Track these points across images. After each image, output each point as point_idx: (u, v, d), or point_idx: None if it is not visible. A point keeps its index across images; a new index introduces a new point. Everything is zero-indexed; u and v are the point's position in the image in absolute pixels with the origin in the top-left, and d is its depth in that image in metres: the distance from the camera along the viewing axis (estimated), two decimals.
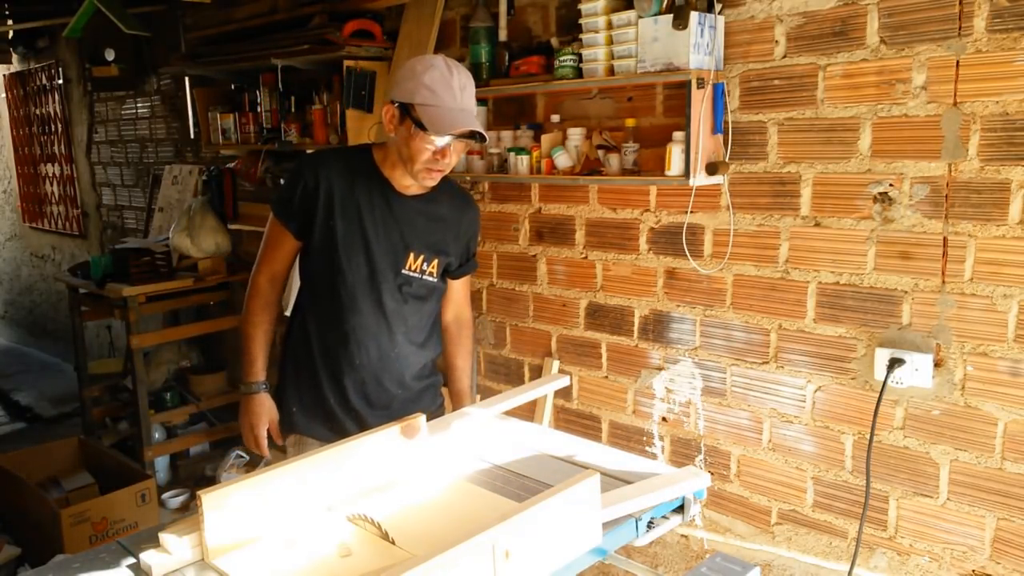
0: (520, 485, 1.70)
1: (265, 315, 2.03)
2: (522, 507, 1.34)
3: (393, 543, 1.44)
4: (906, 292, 2.05)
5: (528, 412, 2.87)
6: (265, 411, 2.03)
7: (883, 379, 2.06)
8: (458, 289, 2.18)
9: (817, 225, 2.18)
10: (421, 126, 1.80)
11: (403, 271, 1.98)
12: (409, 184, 1.95)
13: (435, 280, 2.04)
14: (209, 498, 1.40)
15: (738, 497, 2.45)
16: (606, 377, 2.74)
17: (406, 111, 1.83)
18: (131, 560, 1.45)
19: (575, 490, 1.41)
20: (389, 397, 2.05)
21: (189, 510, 3.73)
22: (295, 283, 2.11)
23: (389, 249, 1.96)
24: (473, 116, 1.84)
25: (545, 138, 2.61)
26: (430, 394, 2.15)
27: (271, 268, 2.04)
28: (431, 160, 1.85)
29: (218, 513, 1.41)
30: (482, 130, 1.83)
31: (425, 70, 1.80)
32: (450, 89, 1.80)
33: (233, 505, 1.43)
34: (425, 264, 2.01)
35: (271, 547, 1.45)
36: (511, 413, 2.24)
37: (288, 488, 1.51)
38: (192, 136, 4.50)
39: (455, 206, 2.06)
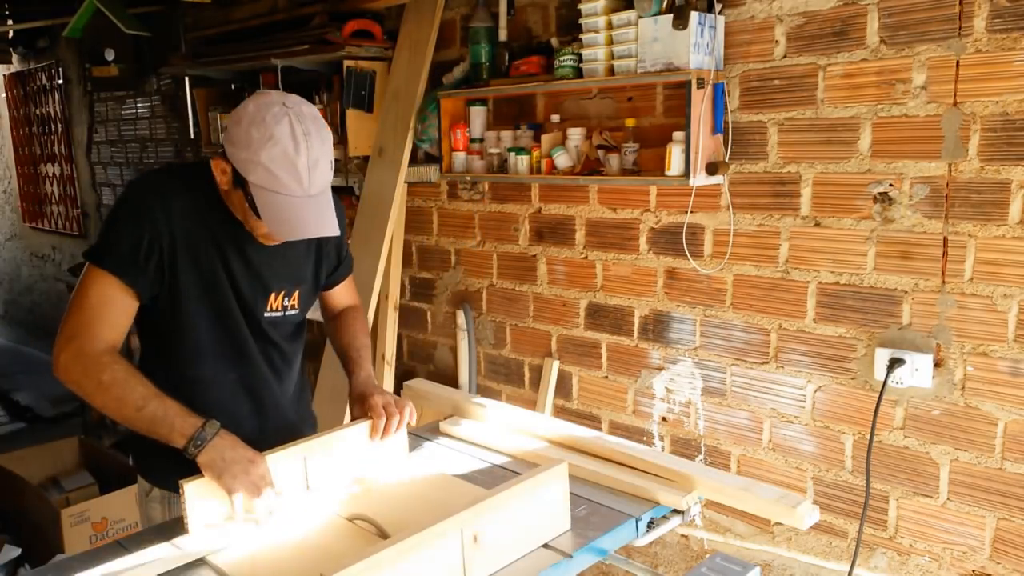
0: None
1: (136, 370, 1.54)
2: (490, 493, 1.40)
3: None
4: (906, 292, 2.04)
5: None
6: (249, 447, 1.51)
7: (883, 379, 2.06)
8: (340, 292, 1.93)
9: (817, 225, 2.18)
10: (257, 212, 1.48)
11: (265, 315, 1.70)
12: None
13: (298, 312, 1.77)
14: (191, 487, 1.46)
15: None
16: (606, 377, 2.74)
17: (240, 181, 1.48)
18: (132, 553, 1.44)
19: (543, 476, 1.46)
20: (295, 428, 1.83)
21: None
22: None
23: (251, 297, 1.66)
24: (326, 203, 1.50)
25: (545, 138, 2.61)
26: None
27: (111, 336, 1.54)
28: (271, 235, 1.54)
29: (201, 502, 1.46)
30: (335, 229, 1.50)
31: (264, 142, 1.42)
32: (295, 172, 1.43)
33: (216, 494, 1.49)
34: (286, 299, 1.73)
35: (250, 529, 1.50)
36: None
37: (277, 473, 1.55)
38: (192, 136, 4.49)
39: None
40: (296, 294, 1.75)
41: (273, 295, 1.70)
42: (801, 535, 2.32)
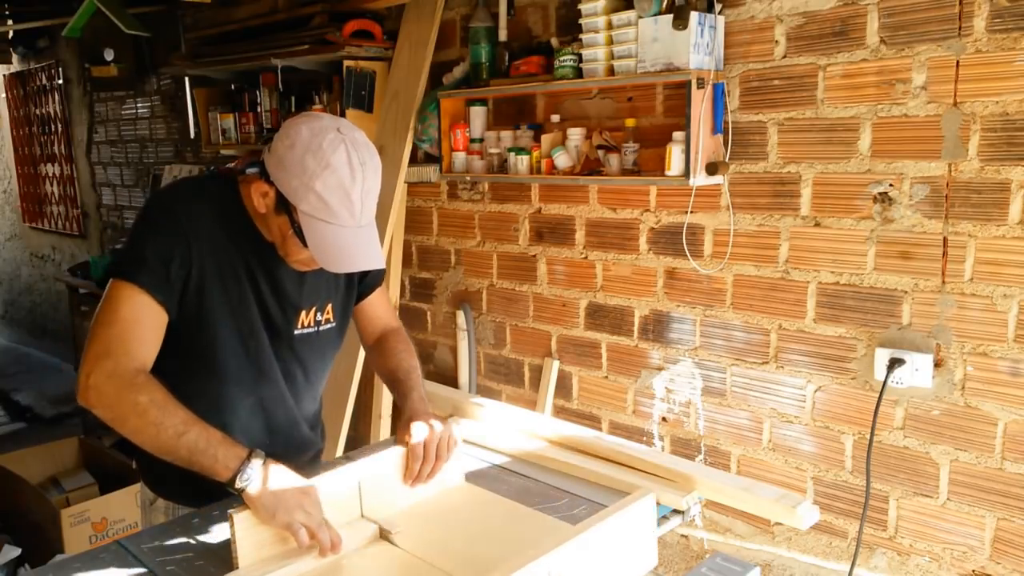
0: (521, 487, 1.70)
1: (171, 395, 1.41)
2: (577, 530, 1.29)
3: (395, 545, 1.43)
4: (906, 292, 2.05)
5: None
6: (297, 474, 1.41)
7: (883, 379, 2.06)
8: (375, 306, 1.82)
9: (817, 225, 2.18)
10: (303, 238, 1.41)
11: (296, 332, 1.63)
12: None
13: (334, 326, 1.71)
14: (242, 517, 1.33)
15: None
16: (606, 377, 2.74)
17: (284, 206, 1.42)
18: (134, 563, 1.44)
19: (630, 511, 1.37)
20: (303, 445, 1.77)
21: None
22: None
23: (280, 315, 1.60)
24: (372, 234, 1.45)
25: (545, 138, 2.61)
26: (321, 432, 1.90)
27: (144, 355, 1.43)
28: (309, 261, 1.47)
29: (252, 533, 1.35)
30: (381, 261, 1.46)
31: (320, 170, 1.36)
32: (349, 203, 1.38)
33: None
34: (319, 313, 1.66)
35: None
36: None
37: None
38: (192, 136, 4.50)
39: None
40: (329, 307, 1.67)
41: (304, 312, 1.63)
42: (801, 535, 2.32)
